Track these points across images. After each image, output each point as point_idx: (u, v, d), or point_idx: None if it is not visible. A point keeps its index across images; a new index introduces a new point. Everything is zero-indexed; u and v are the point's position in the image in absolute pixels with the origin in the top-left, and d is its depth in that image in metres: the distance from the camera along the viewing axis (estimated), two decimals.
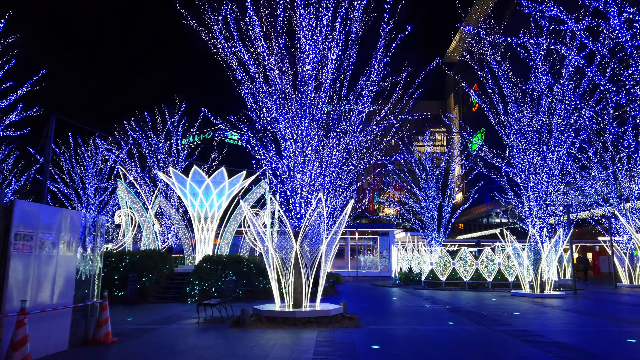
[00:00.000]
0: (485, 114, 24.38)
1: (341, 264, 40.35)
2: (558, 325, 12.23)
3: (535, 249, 20.74)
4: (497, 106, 21.99)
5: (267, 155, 12.77)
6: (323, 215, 12.25)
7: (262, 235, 12.43)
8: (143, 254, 18.85)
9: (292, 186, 12.92)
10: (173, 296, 18.02)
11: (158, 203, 23.76)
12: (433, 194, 33.31)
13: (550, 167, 20.64)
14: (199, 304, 12.27)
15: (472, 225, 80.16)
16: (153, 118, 28.99)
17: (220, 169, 21.13)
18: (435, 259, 25.37)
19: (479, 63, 22.29)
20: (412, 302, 17.73)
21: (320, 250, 12.45)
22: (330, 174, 13.22)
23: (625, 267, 27.79)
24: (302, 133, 12.91)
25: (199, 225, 21.70)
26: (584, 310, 15.93)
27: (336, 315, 12.24)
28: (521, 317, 13.50)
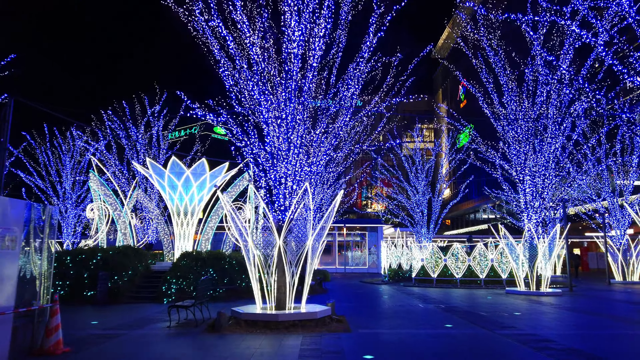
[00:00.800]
0: (473, 110, 23.32)
1: (328, 260, 39.14)
2: (566, 327, 11.12)
3: (531, 244, 19.70)
4: (492, 96, 20.88)
5: (247, 141, 11.43)
6: (309, 208, 10.97)
7: (241, 229, 11.11)
8: (116, 250, 17.40)
9: (275, 176, 11.61)
10: (148, 296, 16.61)
11: (136, 196, 22.27)
12: (423, 189, 32.25)
13: (546, 158, 19.59)
14: (171, 306, 10.92)
15: (459, 221, 79.54)
16: (132, 108, 27.39)
17: (201, 160, 19.70)
18: (426, 255, 24.26)
19: (473, 51, 21.15)
20: (404, 301, 16.55)
21: (306, 246, 11.18)
22: (317, 162, 11.94)
23: (618, 264, 26.98)
24: (286, 117, 11.60)
25: (178, 220, 20.27)
26: (587, 309, 14.89)
27: (323, 318, 10.98)
28: (523, 318, 12.38)
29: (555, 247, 19.82)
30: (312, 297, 17.46)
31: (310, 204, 10.85)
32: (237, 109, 11.59)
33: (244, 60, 11.72)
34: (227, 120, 10.94)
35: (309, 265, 11.44)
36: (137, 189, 22.33)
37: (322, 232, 11.64)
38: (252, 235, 11.19)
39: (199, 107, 11.63)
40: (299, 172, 11.65)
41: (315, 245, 11.62)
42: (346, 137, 19.42)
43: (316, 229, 11.23)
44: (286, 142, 11.64)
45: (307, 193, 11.01)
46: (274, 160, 11.68)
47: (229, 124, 11.00)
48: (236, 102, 11.51)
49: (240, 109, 11.48)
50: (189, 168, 19.86)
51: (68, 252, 17.54)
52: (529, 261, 19.69)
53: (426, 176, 32.38)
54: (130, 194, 22.04)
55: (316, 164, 11.83)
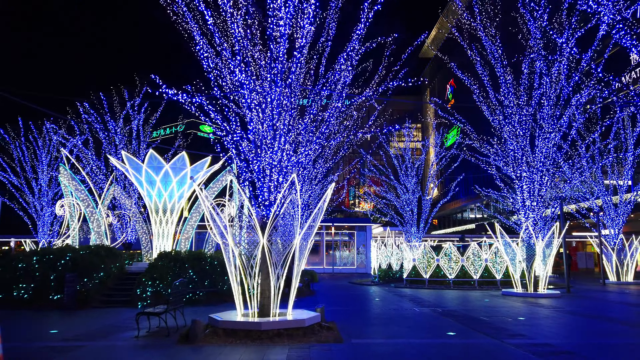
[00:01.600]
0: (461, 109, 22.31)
1: (316, 260, 37.89)
2: (580, 335, 10.01)
3: (528, 243, 18.68)
4: (487, 89, 19.82)
5: (227, 127, 10.12)
6: (296, 202, 9.71)
7: (220, 226, 9.80)
8: (87, 250, 15.94)
9: (259, 167, 10.32)
10: (121, 299, 15.19)
11: (112, 193, 20.77)
12: (413, 187, 31.14)
13: (544, 154, 18.58)
14: (139, 313, 9.56)
15: (446, 221, 78.91)
16: (110, 101, 25.84)
17: (181, 154, 18.30)
18: (418, 255, 23.13)
19: (469, 41, 20.07)
20: (398, 304, 15.37)
21: (293, 245, 9.91)
22: (306, 152, 10.68)
23: (612, 263, 26.16)
24: (271, 102, 10.32)
25: (156, 217, 18.83)
26: (593, 313, 13.84)
27: (312, 326, 9.72)
28: (530, 324, 11.26)
29: (553, 246, 18.82)
30: (300, 299, 16.20)
31: (297, 198, 9.59)
32: (216, 93, 10.27)
33: (224, 38, 10.42)
34: (203, 103, 9.60)
35: (296, 266, 10.18)
36: (114, 185, 20.83)
37: (310, 230, 10.39)
38: (233, 233, 9.89)
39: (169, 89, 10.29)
40: (286, 162, 10.39)
41: (304, 244, 10.36)
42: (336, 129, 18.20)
43: (304, 226, 9.98)
44: (271, 130, 10.36)
45: (294, 186, 9.74)
46: (257, 149, 10.39)
47: (205, 107, 9.68)
48: (215, 85, 10.18)
49: (219, 92, 10.17)
50: (168, 163, 18.44)
51: (34, 251, 16.04)
52: (526, 261, 18.66)
53: (416, 174, 31.30)
54: (106, 190, 20.53)
55: (304, 153, 10.57)
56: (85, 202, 18.49)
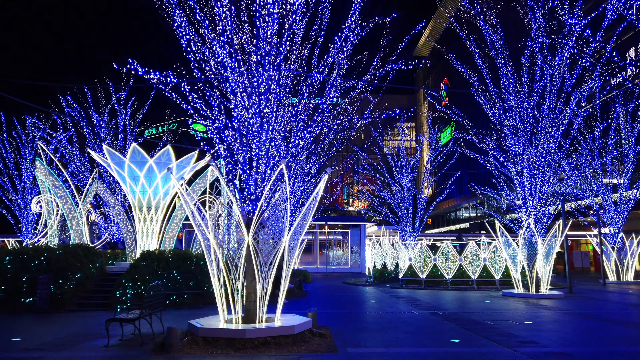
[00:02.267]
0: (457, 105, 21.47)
1: (309, 259, 36.85)
2: (600, 342, 9.06)
3: (530, 242, 17.78)
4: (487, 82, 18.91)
5: (208, 112, 9.08)
6: (285, 196, 8.69)
7: (199, 222, 8.78)
8: (64, 250, 14.82)
9: (244, 158, 9.30)
10: (100, 302, 14.09)
11: (95, 189, 19.63)
12: (408, 185, 30.20)
13: (545, 149, 17.69)
14: (109, 320, 8.51)
15: (440, 220, 78.22)
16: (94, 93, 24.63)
17: (166, 148, 17.20)
18: (414, 254, 22.18)
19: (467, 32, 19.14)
20: (395, 307, 14.39)
21: (282, 243, 8.90)
22: (296, 141, 9.67)
23: (612, 263, 25.35)
24: (258, 87, 9.30)
25: (140, 215, 17.73)
26: (605, 316, 12.93)
27: (302, 333, 8.72)
28: (540, 329, 10.32)
29: (556, 245, 17.93)
30: (291, 301, 15.19)
31: (286, 190, 8.58)
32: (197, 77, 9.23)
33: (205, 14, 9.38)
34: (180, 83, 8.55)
35: (286, 267, 9.17)
36: (96, 181, 19.70)
37: (301, 226, 9.38)
38: (215, 230, 8.86)
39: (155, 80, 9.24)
40: (274, 153, 9.37)
41: (294, 242, 9.35)
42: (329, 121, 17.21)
43: (294, 222, 8.97)
44: (258, 117, 9.34)
45: (283, 177, 8.73)
46: (242, 138, 9.36)
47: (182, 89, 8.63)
48: (195, 67, 9.13)
49: (200, 75, 9.12)
50: (152, 158, 17.34)
51: (8, 251, 14.92)
52: (528, 261, 17.76)
53: (412, 171, 30.37)
54: (87, 187, 19.39)
55: (294, 143, 9.56)
56: (64, 198, 17.33)
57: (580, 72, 17.62)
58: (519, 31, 19.11)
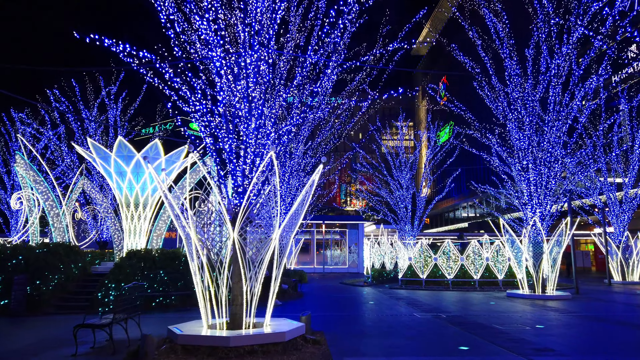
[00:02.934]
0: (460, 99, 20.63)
1: (306, 259, 35.94)
2: (623, 348, 8.16)
3: (536, 241, 16.89)
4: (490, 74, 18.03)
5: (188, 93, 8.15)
6: (275, 186, 7.78)
7: (178, 214, 7.86)
8: (43, 249, 13.87)
9: (230, 146, 8.38)
10: (81, 304, 13.14)
11: (81, 186, 18.67)
12: (407, 183, 29.31)
13: (551, 143, 16.81)
14: (77, 326, 7.58)
15: (438, 220, 77.42)
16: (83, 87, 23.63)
17: (154, 141, 16.27)
18: (414, 253, 21.27)
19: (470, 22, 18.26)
20: (395, 309, 13.49)
21: (272, 239, 7.98)
22: (287, 127, 8.76)
23: (617, 262, 24.50)
24: (246, 68, 8.39)
25: (127, 212, 16.78)
26: (621, 319, 12.02)
27: (294, 339, 7.81)
28: (554, 334, 9.43)
29: (563, 243, 17.05)
30: (285, 303, 14.27)
31: (276, 181, 7.67)
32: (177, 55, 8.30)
33: None
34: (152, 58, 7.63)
35: (277, 267, 8.25)
36: (83, 177, 18.74)
37: (294, 222, 8.46)
38: (199, 225, 7.94)
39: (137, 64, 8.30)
40: (264, 141, 8.45)
41: (286, 240, 8.44)
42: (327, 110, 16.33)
43: (286, 217, 8.06)
44: (246, 102, 8.43)
45: (272, 167, 7.81)
46: (228, 125, 8.45)
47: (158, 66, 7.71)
48: (176, 44, 8.20)
49: (180, 52, 8.20)
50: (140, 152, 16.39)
51: None
52: (533, 260, 16.87)
53: (410, 169, 29.49)
54: (73, 183, 18.44)
55: (286, 129, 8.64)
56: (45, 194, 16.37)
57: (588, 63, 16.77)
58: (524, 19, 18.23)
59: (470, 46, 19.00)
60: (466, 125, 20.63)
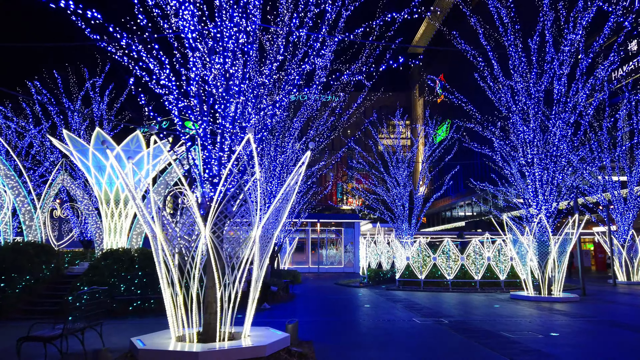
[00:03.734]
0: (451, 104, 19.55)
1: (301, 259, 34.78)
2: None
3: (541, 239, 15.80)
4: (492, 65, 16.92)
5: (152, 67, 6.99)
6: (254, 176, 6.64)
7: (141, 208, 6.71)
8: (9, 248, 12.68)
9: (205, 130, 7.24)
10: (50, 309, 11.96)
11: (60, 181, 17.47)
12: (404, 180, 28.21)
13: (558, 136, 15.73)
14: (22, 339, 6.43)
15: (435, 219, 76.36)
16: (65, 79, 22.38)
17: (135, 133, 15.08)
18: (412, 252, 20.15)
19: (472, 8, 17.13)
20: (393, 313, 12.35)
21: (251, 237, 6.84)
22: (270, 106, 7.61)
23: (622, 262, 23.44)
24: (223, 39, 7.24)
25: (107, 209, 15.60)
26: (635, 324, 10.93)
27: (277, 353, 6.67)
28: (572, 344, 8.31)
29: (570, 242, 15.97)
30: (274, 307, 13.11)
31: (256, 169, 6.52)
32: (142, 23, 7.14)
33: None
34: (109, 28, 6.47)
35: (257, 269, 7.10)
36: (62, 172, 17.54)
37: (278, 217, 7.33)
38: (164, 222, 6.79)
39: (97, 38, 7.14)
40: (243, 124, 7.30)
41: (268, 237, 7.29)
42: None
43: (268, 210, 6.92)
44: (223, 79, 7.28)
45: (250, 151, 6.67)
46: (202, 105, 7.30)
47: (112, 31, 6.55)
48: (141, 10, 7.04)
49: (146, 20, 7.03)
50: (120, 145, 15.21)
51: None
52: (539, 260, 15.77)
53: (408, 166, 28.41)
54: (51, 178, 17.24)
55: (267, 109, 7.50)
56: (16, 190, 15.16)
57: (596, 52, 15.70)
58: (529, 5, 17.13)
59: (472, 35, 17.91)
60: (466, 118, 19.53)
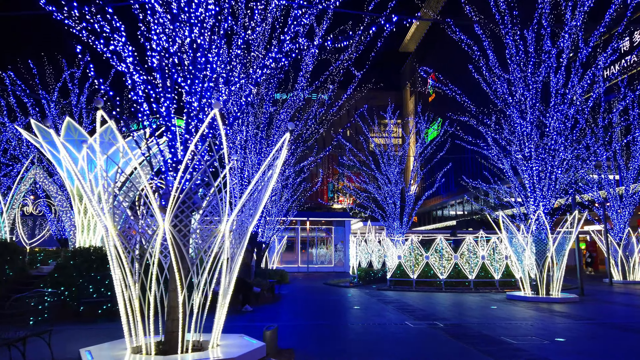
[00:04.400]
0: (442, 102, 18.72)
1: (291, 258, 33.78)
2: None
3: (539, 237, 14.96)
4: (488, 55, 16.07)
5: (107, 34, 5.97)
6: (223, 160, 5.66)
7: (92, 201, 5.72)
8: None
9: (168, 108, 6.24)
10: (9, 312, 10.85)
11: (32, 176, 16.36)
12: (395, 177, 27.36)
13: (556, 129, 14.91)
14: None
15: (426, 218, 75.76)
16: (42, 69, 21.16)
17: (109, 123, 13.98)
18: (404, 251, 19.24)
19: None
20: (384, 316, 11.42)
21: (220, 231, 5.86)
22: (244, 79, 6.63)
23: (618, 261, 22.73)
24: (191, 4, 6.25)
25: (80, 206, 14.52)
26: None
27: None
28: (583, 351, 7.41)
29: (569, 240, 15.16)
30: (256, 309, 12.10)
31: (224, 150, 5.54)
32: None
33: None
34: None
35: (228, 272, 6.11)
36: (34, 167, 16.41)
37: (254, 207, 6.34)
38: (118, 214, 5.79)
39: None
40: (212, 101, 6.31)
41: (241, 232, 6.31)
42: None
43: (240, 200, 5.94)
44: (190, 51, 6.28)
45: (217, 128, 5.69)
46: (165, 80, 6.30)
47: None
48: None
49: None
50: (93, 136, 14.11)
51: None
52: (537, 259, 14.94)
53: (400, 162, 27.56)
54: (22, 173, 16.11)
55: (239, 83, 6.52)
56: None
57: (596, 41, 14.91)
58: None
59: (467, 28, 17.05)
60: (460, 112, 18.69)
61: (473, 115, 17.34)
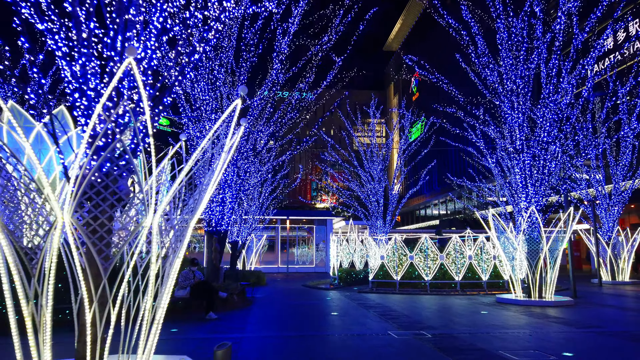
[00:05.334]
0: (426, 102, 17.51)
1: (271, 258, 32.30)
2: None
3: (531, 236, 13.78)
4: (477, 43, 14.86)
5: None
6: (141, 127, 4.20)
7: None
8: None
9: (82, 63, 4.76)
10: None
11: None
12: (379, 175, 26.16)
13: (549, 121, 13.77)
14: None
15: (409, 217, 74.87)
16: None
17: (60, 108, 12.40)
18: (387, 251, 17.92)
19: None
20: (364, 324, 10.05)
21: (146, 226, 4.40)
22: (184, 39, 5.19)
23: (607, 261, 21.79)
24: None
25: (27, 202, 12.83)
26: None
27: None
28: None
29: (564, 239, 14.00)
30: (223, 317, 10.61)
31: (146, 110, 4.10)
32: None
33: None
34: None
35: (154, 275, 4.65)
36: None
37: (198, 199, 4.90)
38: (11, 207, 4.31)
39: None
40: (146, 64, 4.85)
41: (180, 232, 4.86)
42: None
43: (174, 184, 4.49)
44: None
45: (134, 80, 4.23)
46: (80, 30, 4.80)
47: None
48: None
49: None
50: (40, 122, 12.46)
51: None
52: (529, 259, 13.75)
53: (383, 159, 26.37)
54: None
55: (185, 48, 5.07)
56: None
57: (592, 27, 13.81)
58: None
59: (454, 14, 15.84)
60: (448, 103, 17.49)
61: (460, 107, 16.16)
